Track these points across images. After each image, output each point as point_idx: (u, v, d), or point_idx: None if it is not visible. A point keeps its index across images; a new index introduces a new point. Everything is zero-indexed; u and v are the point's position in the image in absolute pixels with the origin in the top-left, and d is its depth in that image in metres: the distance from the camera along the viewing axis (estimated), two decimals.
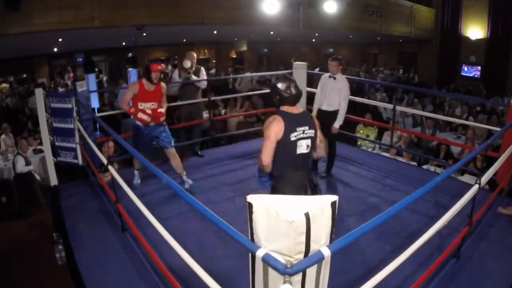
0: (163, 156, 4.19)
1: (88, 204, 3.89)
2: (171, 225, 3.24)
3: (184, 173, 4.11)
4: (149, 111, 3.77)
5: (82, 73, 11.06)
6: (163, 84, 3.88)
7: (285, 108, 2.43)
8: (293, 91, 2.42)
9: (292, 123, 2.36)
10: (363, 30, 12.22)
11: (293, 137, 2.36)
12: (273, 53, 17.48)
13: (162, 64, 3.78)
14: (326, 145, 2.78)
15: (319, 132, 2.54)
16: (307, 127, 2.41)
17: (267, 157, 2.35)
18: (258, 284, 1.43)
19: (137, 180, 4.16)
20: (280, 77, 2.48)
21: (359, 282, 1.54)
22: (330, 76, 4.33)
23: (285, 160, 2.39)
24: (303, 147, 2.41)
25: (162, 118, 3.85)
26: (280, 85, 2.43)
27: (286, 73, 2.50)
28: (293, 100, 2.44)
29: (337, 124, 4.27)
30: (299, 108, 2.49)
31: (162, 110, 3.85)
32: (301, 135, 2.39)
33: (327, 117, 4.23)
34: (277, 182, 2.47)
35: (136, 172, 4.18)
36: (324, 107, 4.32)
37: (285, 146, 2.36)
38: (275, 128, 2.33)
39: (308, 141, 2.42)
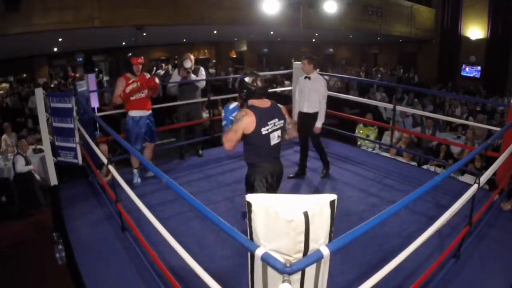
0: (163, 156, 4.20)
1: (88, 204, 3.89)
2: (171, 225, 3.26)
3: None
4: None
5: (83, 73, 11.07)
6: (145, 74, 4.08)
7: (254, 102, 2.54)
8: (259, 84, 2.53)
9: (263, 117, 2.50)
10: (363, 30, 12.22)
11: (264, 131, 2.51)
12: (273, 53, 17.48)
13: (142, 57, 4.04)
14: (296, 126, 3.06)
15: (287, 117, 2.71)
16: (277, 119, 2.58)
17: (230, 145, 2.50)
18: (257, 283, 1.43)
19: (136, 179, 4.19)
20: (247, 72, 2.63)
21: (359, 282, 1.54)
22: (305, 77, 4.22)
23: (260, 151, 2.56)
24: (275, 139, 2.59)
25: (156, 81, 4.07)
26: (247, 79, 2.55)
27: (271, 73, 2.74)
28: (260, 93, 2.55)
29: (319, 124, 4.19)
30: (267, 101, 2.60)
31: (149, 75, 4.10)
32: (273, 128, 2.56)
33: (309, 119, 4.19)
34: (253, 170, 2.64)
35: (135, 171, 4.20)
36: (305, 109, 4.23)
37: (257, 139, 2.51)
38: (245, 122, 2.44)
39: (279, 132, 2.62)
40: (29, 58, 12.36)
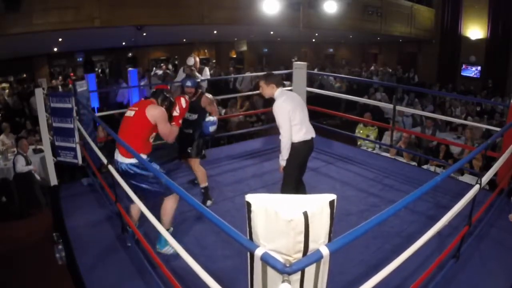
0: (163, 156, 4.19)
1: (88, 204, 3.89)
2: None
3: None
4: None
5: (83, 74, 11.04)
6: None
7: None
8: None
9: None
10: (363, 30, 12.22)
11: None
12: (273, 53, 17.47)
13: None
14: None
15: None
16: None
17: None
18: (257, 283, 1.43)
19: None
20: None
21: (359, 282, 1.54)
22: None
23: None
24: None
25: None
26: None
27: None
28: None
29: (281, 162, 3.13)
30: None
31: None
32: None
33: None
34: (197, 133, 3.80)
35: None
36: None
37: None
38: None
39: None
40: (29, 58, 12.32)
